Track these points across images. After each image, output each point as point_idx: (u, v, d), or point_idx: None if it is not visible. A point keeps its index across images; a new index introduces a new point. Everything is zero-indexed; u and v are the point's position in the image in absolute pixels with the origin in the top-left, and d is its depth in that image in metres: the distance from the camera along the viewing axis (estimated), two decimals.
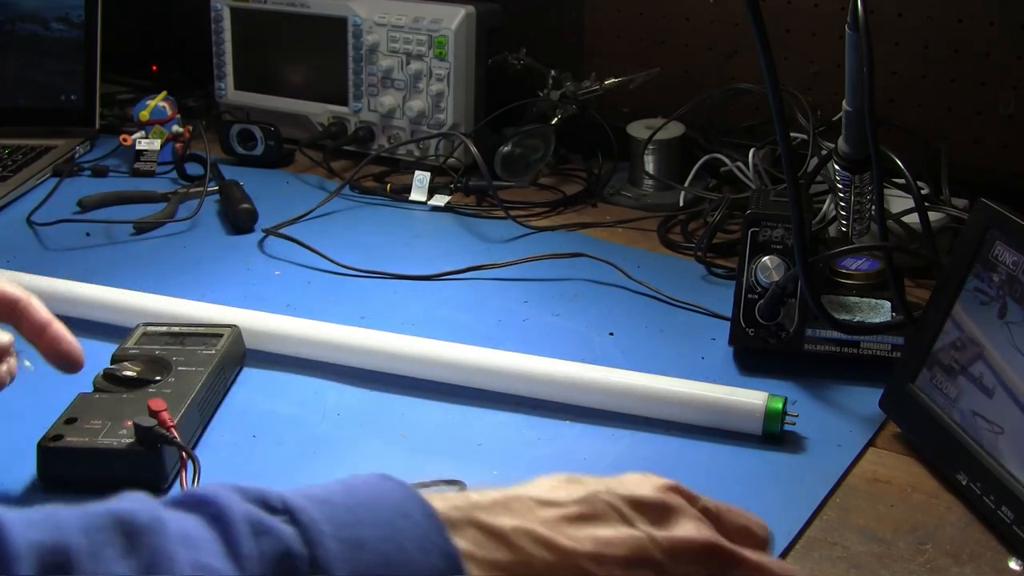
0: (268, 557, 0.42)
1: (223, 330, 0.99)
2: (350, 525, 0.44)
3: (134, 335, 0.98)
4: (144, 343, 0.96)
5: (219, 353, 0.94)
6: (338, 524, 0.44)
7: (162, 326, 0.99)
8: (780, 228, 1.00)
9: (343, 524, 0.44)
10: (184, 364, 0.92)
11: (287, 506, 0.44)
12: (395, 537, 0.44)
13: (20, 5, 1.62)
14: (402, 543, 0.44)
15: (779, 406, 0.89)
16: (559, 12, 1.62)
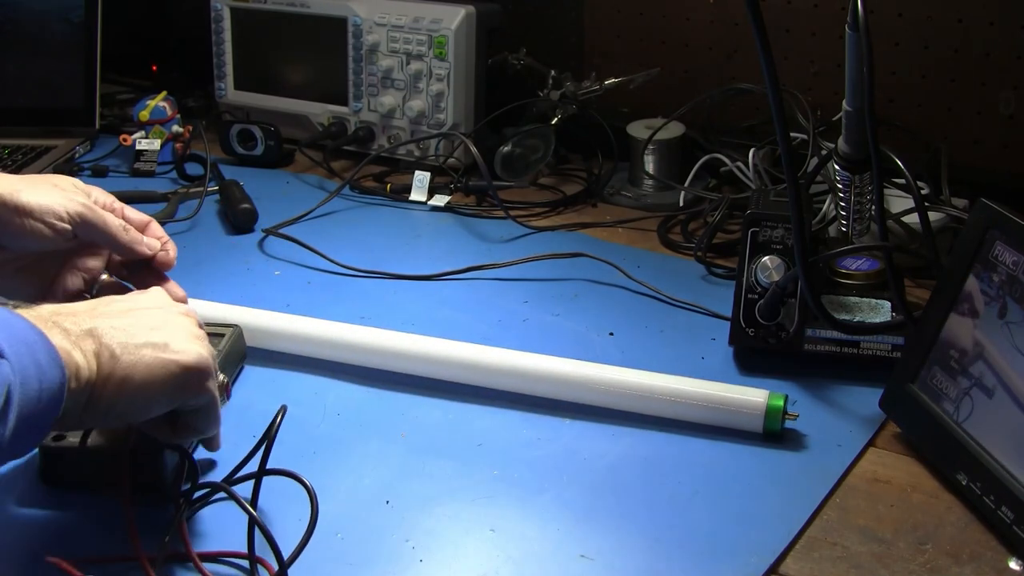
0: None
1: (224, 330, 0.98)
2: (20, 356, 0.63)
3: None
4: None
5: (221, 353, 0.94)
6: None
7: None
8: (780, 228, 1.00)
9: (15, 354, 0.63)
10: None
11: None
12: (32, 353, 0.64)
13: (20, 5, 1.61)
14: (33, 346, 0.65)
15: (780, 404, 0.89)
16: (559, 12, 1.62)
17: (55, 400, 0.65)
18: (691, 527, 0.79)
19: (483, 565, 0.76)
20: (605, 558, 0.76)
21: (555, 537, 0.79)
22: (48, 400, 0.65)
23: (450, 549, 0.78)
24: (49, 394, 0.65)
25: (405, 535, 0.79)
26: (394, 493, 0.83)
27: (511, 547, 0.78)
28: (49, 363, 0.65)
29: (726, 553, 0.77)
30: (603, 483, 0.85)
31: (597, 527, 0.80)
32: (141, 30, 1.92)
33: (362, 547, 0.77)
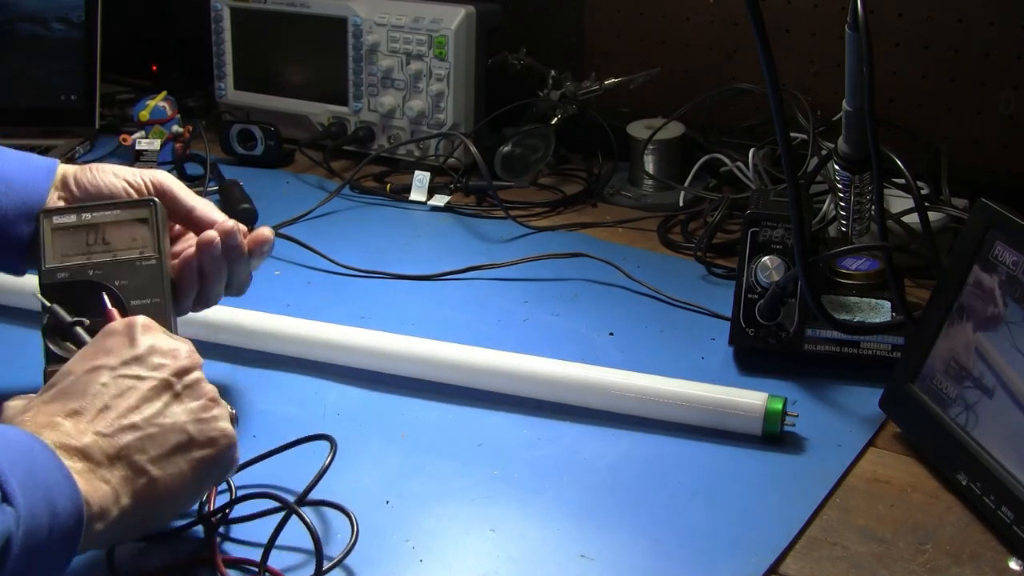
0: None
1: (143, 212, 0.84)
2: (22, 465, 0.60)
3: (47, 244, 0.82)
4: (65, 256, 0.82)
5: (160, 263, 0.83)
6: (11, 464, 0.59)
7: (70, 214, 0.83)
8: (780, 228, 1.00)
9: (14, 464, 0.60)
10: (130, 289, 0.81)
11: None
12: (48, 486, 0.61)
13: (20, 5, 1.61)
14: (52, 489, 0.61)
15: (779, 407, 0.89)
16: (559, 12, 1.62)
17: (69, 541, 0.63)
18: (691, 527, 0.79)
19: (483, 565, 0.76)
20: (605, 558, 0.76)
21: (555, 537, 0.79)
22: (61, 541, 0.62)
23: (450, 549, 0.78)
24: (61, 536, 0.62)
25: (405, 535, 0.79)
26: (394, 493, 0.83)
27: (511, 547, 0.78)
28: (65, 505, 0.62)
29: (726, 553, 0.77)
30: (603, 483, 0.85)
31: (597, 527, 0.80)
32: (141, 30, 1.92)
33: (362, 547, 0.77)
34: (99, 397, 0.69)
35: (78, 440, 0.66)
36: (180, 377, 0.72)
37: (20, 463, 0.60)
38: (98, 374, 0.70)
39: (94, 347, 0.73)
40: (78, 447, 0.66)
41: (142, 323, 0.74)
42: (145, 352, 0.72)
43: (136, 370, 0.71)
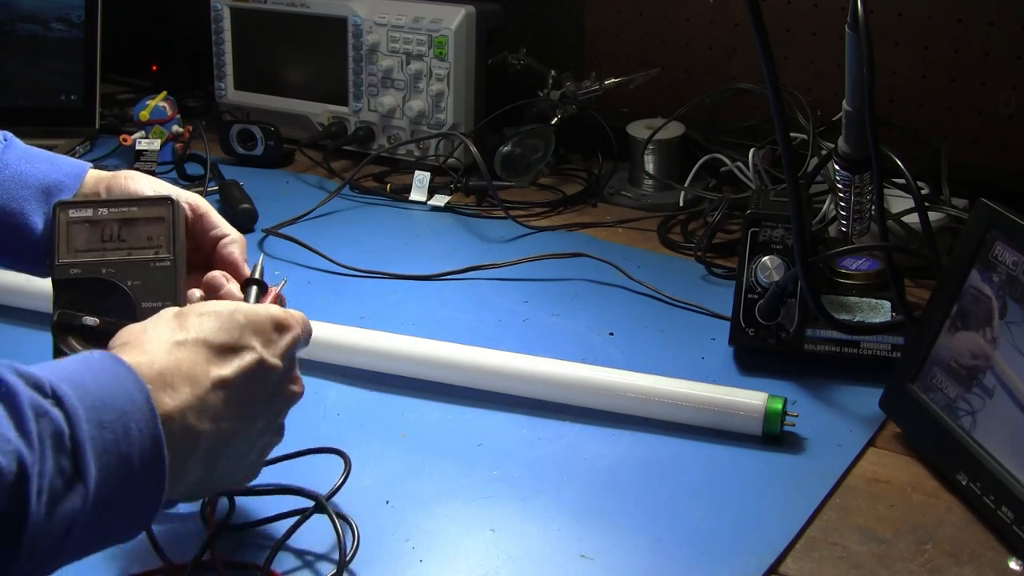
0: (46, 435, 0.52)
1: (160, 210, 0.81)
2: (96, 408, 0.55)
3: (61, 238, 0.79)
4: (79, 252, 0.79)
5: (174, 265, 0.80)
6: (88, 407, 0.55)
7: (86, 208, 0.81)
8: (780, 228, 1.00)
9: (91, 407, 0.55)
10: (142, 290, 0.78)
11: (55, 392, 0.54)
12: (124, 419, 0.56)
13: (20, 5, 1.62)
14: (128, 424, 0.56)
15: (779, 407, 0.89)
16: (559, 12, 1.62)
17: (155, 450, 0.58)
18: (691, 527, 0.79)
19: (483, 565, 0.76)
20: (605, 558, 0.76)
21: (555, 537, 0.79)
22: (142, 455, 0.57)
23: (450, 549, 0.78)
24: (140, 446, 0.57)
25: (405, 535, 0.79)
26: (394, 493, 0.83)
27: (511, 547, 0.78)
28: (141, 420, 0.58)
29: (726, 553, 0.77)
30: (603, 483, 0.85)
31: (597, 527, 0.80)
32: (141, 30, 1.92)
33: (362, 547, 0.77)
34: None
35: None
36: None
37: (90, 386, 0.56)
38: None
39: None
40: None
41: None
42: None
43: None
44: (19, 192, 0.81)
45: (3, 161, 0.81)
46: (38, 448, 0.51)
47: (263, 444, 0.71)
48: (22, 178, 0.81)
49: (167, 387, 0.61)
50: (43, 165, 0.83)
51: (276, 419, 0.72)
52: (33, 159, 0.83)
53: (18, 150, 0.83)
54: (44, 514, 0.51)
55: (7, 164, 0.81)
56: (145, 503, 0.58)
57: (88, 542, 0.56)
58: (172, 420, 0.60)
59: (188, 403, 0.61)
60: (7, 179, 0.80)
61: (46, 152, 0.85)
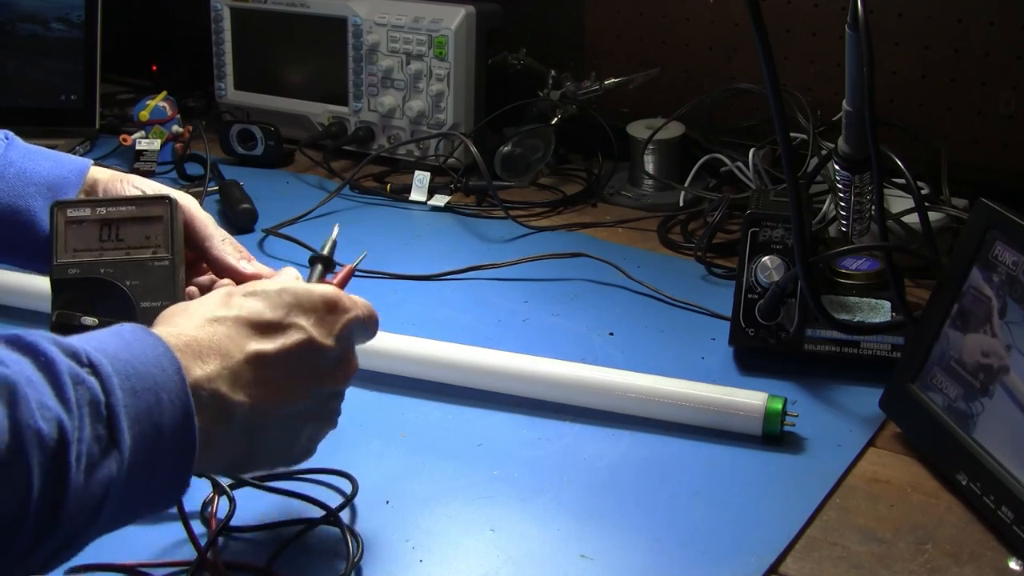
0: (83, 402, 0.53)
1: (158, 209, 0.81)
2: (129, 376, 0.56)
3: (59, 237, 0.79)
4: (77, 252, 0.79)
5: (173, 265, 0.80)
6: (121, 376, 0.56)
7: (84, 208, 0.80)
8: (780, 228, 1.00)
9: (125, 376, 0.56)
10: (140, 290, 0.78)
11: (90, 360, 0.55)
12: (155, 388, 0.57)
13: (20, 5, 1.62)
14: (159, 393, 0.57)
15: (779, 407, 0.89)
16: (559, 12, 1.62)
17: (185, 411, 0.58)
18: (691, 527, 0.79)
19: (483, 565, 0.76)
20: (605, 558, 0.76)
21: (555, 537, 0.79)
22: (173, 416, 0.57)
23: (450, 549, 0.78)
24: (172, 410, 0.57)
25: (405, 535, 0.79)
26: (394, 493, 0.83)
27: (511, 547, 0.78)
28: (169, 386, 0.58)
29: (726, 553, 0.76)
30: (603, 483, 0.85)
31: (597, 527, 0.80)
32: (141, 30, 1.92)
33: (362, 547, 0.77)
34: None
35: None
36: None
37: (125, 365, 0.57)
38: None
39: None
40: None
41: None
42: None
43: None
44: (24, 189, 0.81)
45: (7, 159, 0.81)
46: (77, 415, 0.53)
47: (313, 430, 0.71)
48: (27, 175, 0.81)
49: (196, 357, 0.62)
50: (46, 162, 0.83)
51: (328, 403, 0.71)
52: (36, 156, 0.83)
53: (20, 148, 0.83)
54: (83, 479, 0.52)
55: (11, 162, 0.81)
56: (176, 472, 0.58)
57: (122, 510, 0.56)
58: (201, 388, 0.61)
59: (218, 373, 0.62)
60: (12, 176, 0.81)
61: (47, 150, 0.85)
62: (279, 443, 0.68)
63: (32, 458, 0.50)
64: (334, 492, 0.83)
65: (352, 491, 0.82)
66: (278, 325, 0.66)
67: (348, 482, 0.83)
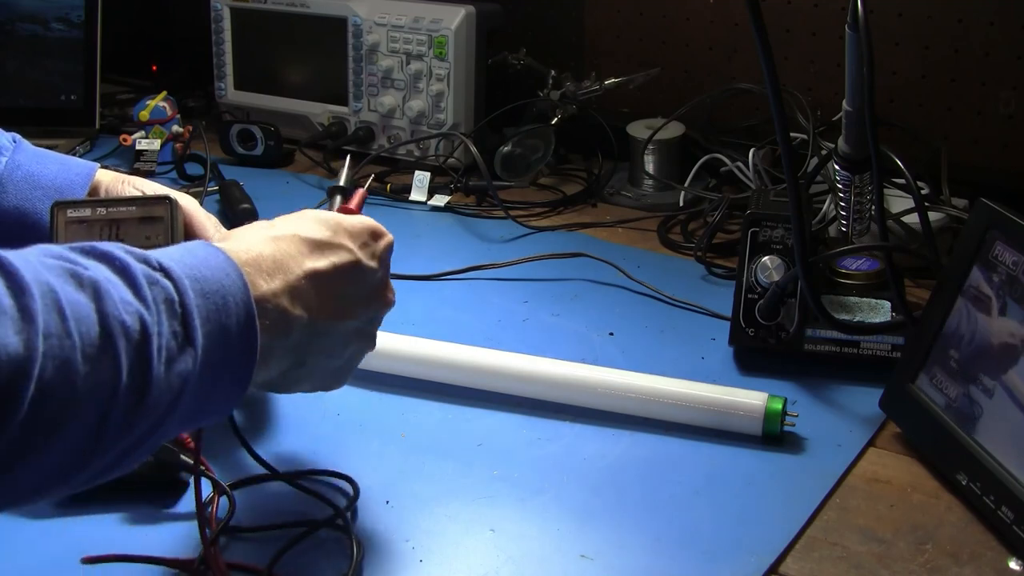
0: (159, 300, 0.56)
1: (159, 209, 0.81)
2: (198, 279, 0.59)
3: (60, 237, 0.79)
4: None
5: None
6: (192, 278, 0.58)
7: (85, 208, 0.80)
8: (780, 228, 1.00)
9: (194, 279, 0.59)
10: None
11: (161, 265, 0.58)
12: (222, 291, 0.60)
13: (20, 5, 1.62)
14: (226, 296, 0.60)
15: (779, 407, 0.89)
16: (559, 12, 1.62)
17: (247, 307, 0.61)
18: (691, 527, 0.79)
19: (483, 565, 0.76)
20: (605, 558, 0.76)
21: (555, 537, 0.79)
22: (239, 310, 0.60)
23: (450, 549, 0.78)
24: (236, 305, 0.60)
25: (405, 535, 0.79)
26: (394, 493, 0.83)
27: (511, 547, 0.78)
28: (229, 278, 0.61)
29: (726, 553, 0.77)
30: (603, 483, 0.85)
31: (597, 527, 0.80)
32: (141, 30, 1.92)
33: (362, 548, 0.77)
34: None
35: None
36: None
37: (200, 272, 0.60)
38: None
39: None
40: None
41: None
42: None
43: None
44: (32, 193, 0.82)
45: (15, 162, 0.83)
46: (155, 310, 0.55)
47: (353, 350, 0.75)
48: (35, 179, 0.83)
49: (261, 272, 0.65)
50: (53, 166, 0.84)
51: (370, 325, 0.76)
52: (44, 160, 0.84)
53: (28, 151, 0.85)
54: (163, 372, 0.55)
55: (19, 165, 0.83)
56: (239, 373, 0.61)
57: (195, 407, 0.59)
58: (266, 301, 0.64)
59: (281, 288, 0.66)
60: (20, 180, 0.82)
61: (54, 153, 0.86)
62: (326, 363, 0.72)
63: (120, 348, 0.52)
64: (334, 494, 0.83)
65: (353, 493, 0.82)
66: (329, 244, 0.71)
67: (348, 484, 0.83)
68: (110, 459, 0.55)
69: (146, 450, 0.57)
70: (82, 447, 0.52)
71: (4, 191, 0.82)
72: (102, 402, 0.52)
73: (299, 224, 0.72)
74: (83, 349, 0.51)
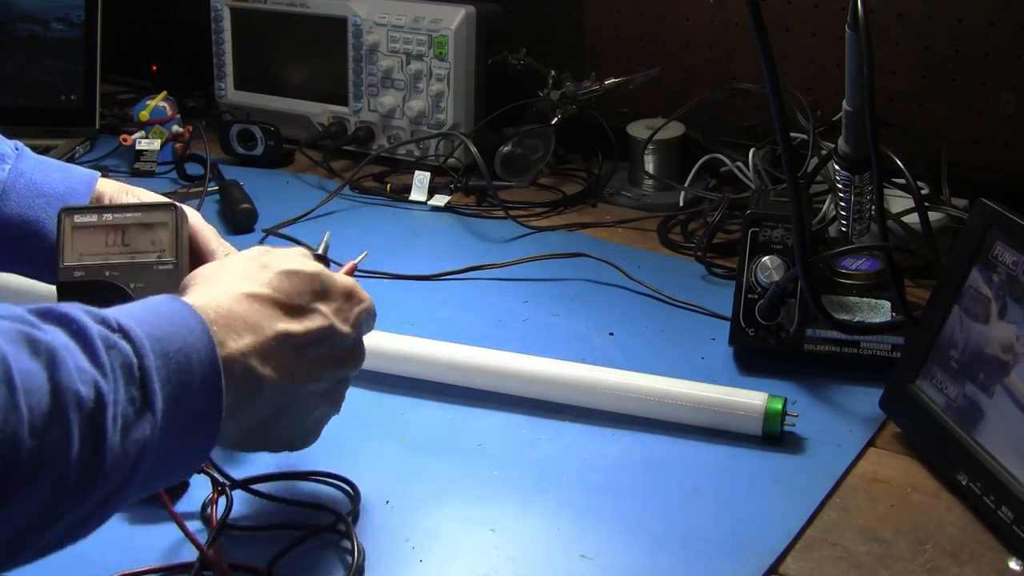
0: (117, 365, 0.55)
1: (164, 216, 0.82)
2: (160, 340, 0.58)
3: (66, 242, 0.80)
4: (83, 256, 0.80)
5: (177, 268, 0.81)
6: (153, 338, 0.57)
7: (91, 214, 0.81)
8: (780, 228, 1.00)
9: (156, 339, 0.58)
10: (145, 292, 0.76)
11: (121, 326, 0.57)
12: (185, 350, 0.59)
13: (20, 5, 1.61)
14: (189, 355, 0.59)
15: (779, 407, 0.89)
16: (559, 12, 1.62)
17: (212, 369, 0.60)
18: (691, 527, 0.79)
19: (483, 565, 0.76)
20: (605, 558, 0.76)
21: (555, 537, 0.79)
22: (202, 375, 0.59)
23: (450, 549, 0.78)
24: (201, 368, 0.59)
25: (405, 535, 0.79)
26: (394, 493, 0.83)
27: (511, 547, 0.78)
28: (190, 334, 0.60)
29: (726, 553, 0.76)
30: (603, 483, 0.85)
31: (597, 527, 0.80)
32: (141, 30, 1.92)
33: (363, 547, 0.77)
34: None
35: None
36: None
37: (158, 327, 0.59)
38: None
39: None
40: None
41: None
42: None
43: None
44: (35, 200, 0.83)
45: (18, 170, 0.83)
46: (112, 377, 0.54)
47: (321, 413, 0.74)
48: (38, 187, 0.83)
49: (230, 331, 0.64)
50: (56, 174, 0.85)
51: (338, 387, 0.75)
52: (46, 168, 0.85)
53: (31, 159, 0.85)
54: (119, 440, 0.54)
55: (22, 172, 0.83)
56: (204, 433, 0.60)
57: (155, 471, 0.58)
58: (234, 361, 0.63)
59: (251, 347, 0.65)
60: (23, 188, 0.82)
61: (57, 161, 0.87)
62: (292, 421, 0.71)
63: (72, 419, 0.52)
64: (334, 495, 0.83)
65: (354, 496, 0.82)
66: (304, 308, 0.70)
67: (348, 487, 0.83)
68: (66, 528, 0.54)
69: (105, 516, 0.56)
70: (35, 518, 0.52)
71: (7, 199, 0.82)
72: (54, 474, 0.51)
73: (284, 285, 0.69)
74: (32, 423, 0.50)
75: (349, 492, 0.83)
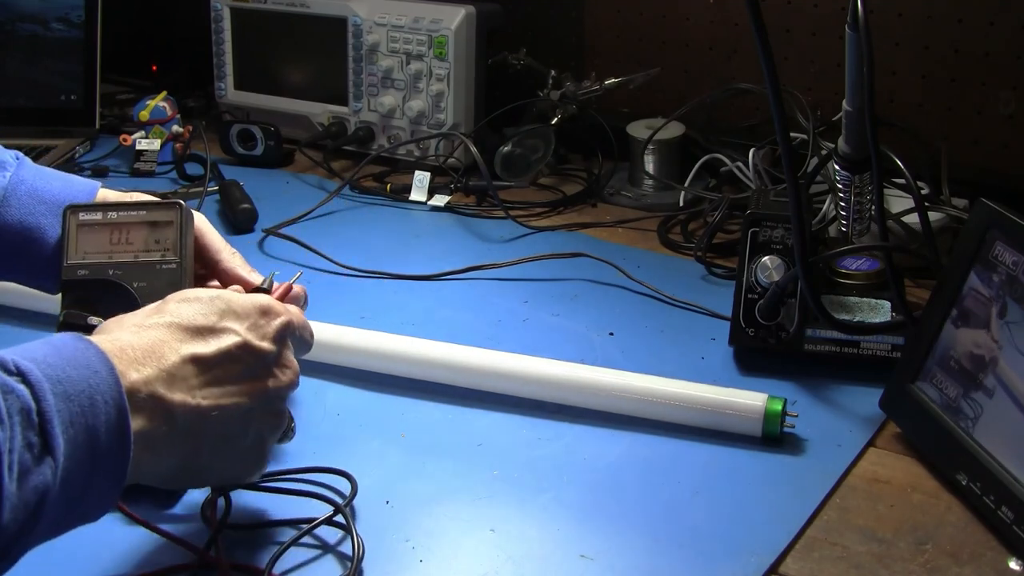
0: (14, 411, 0.54)
1: (169, 215, 0.83)
2: (61, 382, 0.56)
3: (71, 240, 0.81)
4: (87, 254, 0.81)
5: (181, 267, 0.82)
6: (53, 381, 0.56)
7: (96, 212, 0.82)
8: (780, 228, 1.00)
9: (56, 381, 0.56)
10: (148, 291, 0.79)
11: (20, 369, 0.55)
12: (89, 391, 0.57)
13: (20, 5, 1.61)
14: (93, 395, 0.57)
15: (778, 408, 0.89)
16: (559, 12, 1.62)
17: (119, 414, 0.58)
18: (691, 527, 0.79)
19: (483, 565, 0.76)
20: (605, 558, 0.76)
21: (555, 537, 0.79)
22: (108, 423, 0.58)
23: (450, 549, 0.78)
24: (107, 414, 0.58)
25: (405, 535, 0.79)
26: (394, 493, 0.83)
27: (511, 547, 0.78)
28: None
29: (726, 553, 0.77)
30: (603, 483, 0.85)
31: (597, 527, 0.80)
32: (141, 30, 1.92)
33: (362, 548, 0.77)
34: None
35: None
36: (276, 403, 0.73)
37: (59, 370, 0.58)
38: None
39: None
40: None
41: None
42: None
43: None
44: (36, 207, 0.83)
45: (19, 177, 0.83)
46: (8, 424, 0.53)
47: (259, 431, 0.71)
48: (39, 194, 0.83)
49: (133, 361, 0.62)
50: (57, 183, 0.85)
51: (272, 404, 0.72)
52: (48, 177, 0.85)
53: (31, 168, 0.85)
54: (15, 488, 0.53)
55: (23, 180, 0.83)
56: (112, 477, 0.59)
57: (59, 518, 0.57)
58: (138, 391, 0.61)
59: (154, 375, 0.63)
60: (24, 195, 0.82)
61: (58, 171, 0.87)
62: (226, 447, 0.69)
63: None
64: (333, 493, 0.83)
65: (352, 490, 0.82)
66: (212, 329, 0.68)
67: (347, 481, 0.83)
68: None
69: (10, 562, 0.55)
70: None
71: (8, 205, 0.82)
72: None
73: (182, 310, 0.68)
74: None
75: (346, 484, 0.83)
